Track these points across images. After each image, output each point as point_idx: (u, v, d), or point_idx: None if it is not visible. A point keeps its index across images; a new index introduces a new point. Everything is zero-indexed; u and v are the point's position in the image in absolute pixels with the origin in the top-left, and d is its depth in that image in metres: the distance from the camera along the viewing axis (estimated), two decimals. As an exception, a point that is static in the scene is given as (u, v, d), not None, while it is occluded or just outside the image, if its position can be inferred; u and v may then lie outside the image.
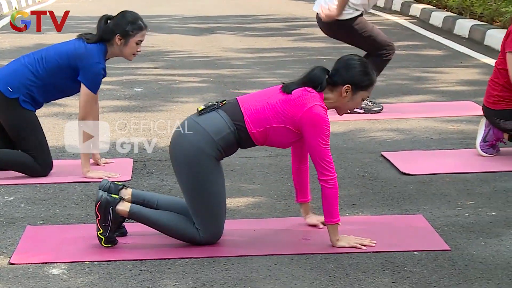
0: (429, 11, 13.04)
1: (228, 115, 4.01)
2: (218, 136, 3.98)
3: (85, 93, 5.14)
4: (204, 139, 3.97)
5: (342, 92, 4.03)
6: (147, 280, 3.71)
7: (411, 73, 8.83)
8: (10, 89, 5.11)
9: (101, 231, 4.06)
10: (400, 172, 5.30)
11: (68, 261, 3.92)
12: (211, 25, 13.23)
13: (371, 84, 4.08)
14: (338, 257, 3.93)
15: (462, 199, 4.78)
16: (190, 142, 3.99)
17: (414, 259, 3.90)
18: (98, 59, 5.11)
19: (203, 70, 9.13)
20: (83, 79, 5.12)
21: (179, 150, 4.03)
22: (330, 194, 4.00)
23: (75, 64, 5.11)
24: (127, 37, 5.14)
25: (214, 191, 4.02)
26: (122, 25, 5.14)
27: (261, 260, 3.92)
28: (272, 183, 5.14)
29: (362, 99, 4.10)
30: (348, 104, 4.08)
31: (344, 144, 6.01)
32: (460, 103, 7.29)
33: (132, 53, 5.20)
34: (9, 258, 3.97)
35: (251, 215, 4.58)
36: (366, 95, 4.09)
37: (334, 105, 4.08)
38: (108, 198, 4.06)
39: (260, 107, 4.00)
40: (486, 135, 5.56)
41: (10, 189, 5.05)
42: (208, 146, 3.97)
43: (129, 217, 4.09)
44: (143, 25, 5.21)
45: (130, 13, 5.25)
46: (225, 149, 4.03)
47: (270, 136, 4.02)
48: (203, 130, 3.99)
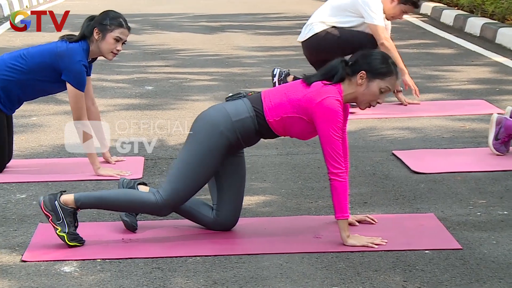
0: (440, 9, 13.01)
1: (250, 103, 4.08)
2: (236, 118, 4.04)
3: (73, 92, 5.11)
4: (223, 118, 4.04)
5: (358, 79, 4.03)
6: (159, 278, 3.72)
7: (422, 71, 8.82)
8: None
9: (59, 229, 4.03)
10: (412, 171, 5.29)
11: (79, 259, 3.93)
12: (221, 23, 13.24)
13: (388, 73, 4.02)
14: (349, 256, 3.93)
15: (474, 198, 4.77)
16: (210, 116, 4.10)
17: (425, 258, 3.90)
18: (80, 57, 5.08)
19: (213, 68, 9.13)
20: (67, 79, 5.09)
21: (198, 121, 4.13)
22: (340, 188, 4.00)
23: (57, 63, 5.08)
24: (104, 31, 5.09)
25: (202, 166, 4.04)
26: (101, 20, 5.12)
27: (272, 258, 3.92)
28: (283, 182, 5.14)
29: (381, 91, 4.04)
30: (364, 93, 4.04)
31: (355, 143, 6.01)
32: (471, 101, 7.28)
33: (110, 50, 5.12)
34: (21, 255, 3.99)
35: (262, 214, 4.59)
36: (384, 85, 4.03)
37: (353, 96, 4.06)
38: (48, 196, 4.07)
39: (278, 98, 4.06)
40: (498, 132, 5.54)
41: (22, 186, 5.07)
42: (224, 124, 4.03)
43: (77, 204, 4.06)
44: (123, 23, 5.16)
45: (113, 11, 5.24)
46: (243, 134, 4.06)
47: (287, 125, 4.05)
48: (224, 110, 4.06)
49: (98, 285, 3.66)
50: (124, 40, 5.17)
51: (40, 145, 6.03)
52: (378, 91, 4.04)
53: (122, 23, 5.15)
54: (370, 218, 4.34)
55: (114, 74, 8.87)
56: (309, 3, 16.16)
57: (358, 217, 4.34)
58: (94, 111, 5.40)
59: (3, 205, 4.74)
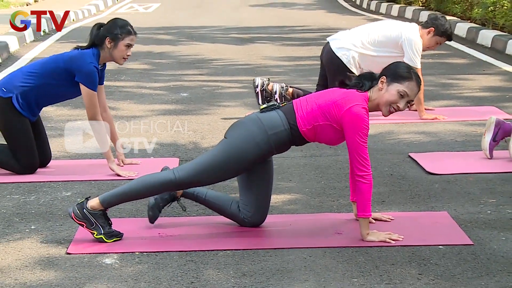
0: (454, 22, 12.92)
1: (285, 115, 4.03)
2: (272, 131, 4.00)
3: (86, 92, 5.13)
4: (259, 130, 4.00)
5: (379, 84, 4.00)
6: (192, 270, 3.72)
7: (437, 80, 8.76)
8: (4, 89, 5.17)
9: (95, 233, 4.03)
10: (426, 172, 5.26)
11: (119, 252, 3.94)
12: (251, 35, 13.23)
13: (407, 78, 3.98)
14: (368, 250, 3.91)
15: (485, 197, 4.73)
16: (246, 126, 4.04)
17: (439, 253, 3.87)
18: (91, 59, 5.12)
19: (243, 76, 9.13)
20: (80, 80, 5.12)
21: (233, 129, 4.08)
22: (365, 189, 3.97)
23: (70, 67, 5.13)
24: (116, 40, 5.14)
25: (229, 165, 3.99)
26: (112, 29, 5.16)
27: (296, 252, 3.91)
28: (307, 181, 5.13)
29: (400, 94, 3.98)
30: (384, 96, 3.99)
31: (374, 146, 5.98)
32: (483, 108, 7.22)
33: (122, 56, 5.17)
34: (66, 248, 4.01)
35: (287, 211, 4.58)
36: (402, 88, 3.97)
37: (376, 102, 4.02)
38: (75, 206, 4.05)
39: (310, 108, 4.01)
40: (496, 133, 5.50)
41: (67, 185, 5.09)
42: (260, 136, 3.99)
43: (103, 205, 4.03)
44: (132, 30, 5.20)
45: (120, 19, 5.27)
46: (277, 145, 4.03)
47: (318, 133, 4.02)
48: (260, 123, 4.01)
49: (136, 276, 3.67)
50: (132, 45, 5.22)
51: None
52: (397, 94, 3.99)
53: (130, 31, 5.19)
54: (385, 217, 4.32)
55: (152, 82, 8.90)
56: (332, 16, 16.15)
57: (374, 215, 4.31)
58: (106, 117, 5.39)
59: (50, 202, 4.77)
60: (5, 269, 3.75)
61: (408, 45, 6.58)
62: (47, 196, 4.88)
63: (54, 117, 6.81)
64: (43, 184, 5.10)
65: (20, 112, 5.20)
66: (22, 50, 11.07)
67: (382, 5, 17.08)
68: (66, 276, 3.67)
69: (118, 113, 7.18)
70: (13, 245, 4.07)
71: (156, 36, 13.17)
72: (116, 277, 3.65)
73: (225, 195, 4.33)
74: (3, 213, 4.57)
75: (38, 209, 4.63)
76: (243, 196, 4.20)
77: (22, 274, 3.69)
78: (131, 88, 8.47)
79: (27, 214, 4.54)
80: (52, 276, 3.67)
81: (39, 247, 4.03)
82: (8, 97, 5.17)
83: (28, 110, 5.24)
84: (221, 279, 3.62)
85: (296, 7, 18.33)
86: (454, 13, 13.71)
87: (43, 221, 4.42)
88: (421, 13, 14.80)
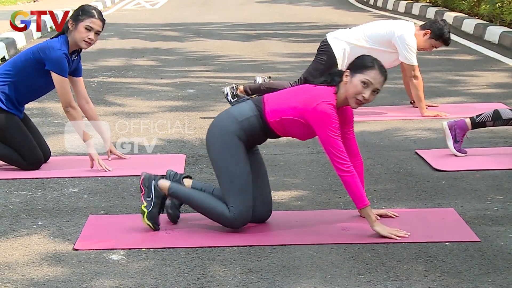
0: (461, 18, 12.90)
1: (254, 104, 4.11)
2: (242, 117, 4.07)
3: (57, 79, 5.15)
4: (229, 120, 4.08)
5: (344, 78, 4.04)
6: (198, 266, 3.73)
7: (444, 76, 8.74)
8: None
9: (144, 204, 4.12)
10: (433, 169, 5.25)
11: (126, 248, 3.95)
12: (258, 31, 13.23)
13: (368, 67, 4.00)
14: (374, 247, 3.91)
15: (491, 194, 4.72)
16: (218, 122, 4.13)
17: (446, 250, 3.87)
18: (59, 46, 5.14)
19: (250, 73, 9.13)
20: (49, 67, 5.14)
21: (210, 132, 4.15)
22: (351, 182, 3.97)
23: (39, 56, 5.15)
24: (76, 22, 5.15)
25: (235, 168, 4.04)
26: (75, 13, 5.19)
27: (303, 248, 3.91)
28: (314, 178, 5.13)
29: (363, 83, 3.99)
30: (348, 88, 4.02)
31: (381, 142, 5.97)
32: (490, 104, 7.19)
33: (82, 39, 5.15)
34: (73, 244, 4.02)
35: (294, 207, 4.58)
36: (364, 77, 3.98)
37: (344, 96, 4.04)
38: (150, 174, 4.16)
39: (278, 101, 4.10)
40: (455, 135, 5.50)
41: (74, 181, 5.10)
42: (232, 125, 4.06)
43: (169, 192, 4.14)
44: (95, 14, 5.18)
45: (88, 5, 5.29)
46: (249, 132, 4.08)
47: (286, 126, 4.07)
48: (230, 114, 4.11)
49: (143, 272, 3.67)
50: (97, 30, 5.14)
51: (91, 143, 6.07)
52: (360, 84, 4.00)
53: (93, 14, 5.18)
54: (391, 213, 4.31)
55: (159, 78, 8.91)
56: (339, 13, 16.13)
57: (379, 212, 4.31)
58: (88, 109, 5.43)
59: (57, 198, 4.78)
60: (12, 265, 3.76)
61: (401, 43, 6.57)
62: (54, 192, 4.89)
63: (61, 113, 6.81)
64: (50, 180, 5.11)
65: (7, 110, 5.22)
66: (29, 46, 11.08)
67: (389, 1, 17.05)
68: (72, 272, 3.68)
69: (124, 110, 7.19)
70: (20, 241, 4.08)
71: (162, 32, 13.17)
72: (123, 273, 3.66)
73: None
74: (11, 209, 4.58)
75: (45, 205, 4.64)
76: None
77: (29, 270, 3.70)
78: (137, 85, 8.48)
79: (34, 210, 4.55)
80: (59, 272, 3.68)
81: (46, 243, 4.04)
82: None
83: (13, 107, 5.25)
84: (228, 275, 3.62)
85: (302, 3, 18.32)
86: (461, 9, 13.68)
87: (50, 217, 4.43)
88: (428, 10, 14.77)
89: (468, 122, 5.53)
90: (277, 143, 5.95)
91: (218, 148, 4.09)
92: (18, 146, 5.25)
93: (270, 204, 4.26)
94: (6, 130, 5.24)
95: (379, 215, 4.28)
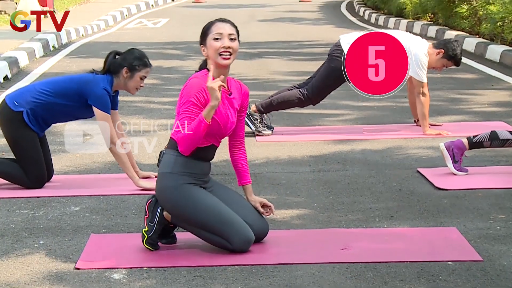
0: (462, 37, 12.92)
1: (167, 150, 4.12)
2: (170, 167, 4.07)
3: (100, 115, 5.21)
4: (165, 179, 4.08)
5: (203, 53, 4.19)
6: (200, 285, 3.71)
7: (446, 94, 8.75)
8: (16, 103, 5.23)
9: (146, 229, 4.11)
10: (435, 187, 5.24)
11: (128, 267, 3.94)
12: (260, 50, 13.26)
13: (207, 28, 4.18)
14: (377, 266, 3.89)
15: (494, 213, 4.71)
16: (160, 190, 4.11)
17: (448, 269, 3.85)
18: (104, 85, 5.20)
19: (252, 91, 9.07)
20: (93, 103, 5.19)
21: (161, 201, 4.12)
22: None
23: (82, 89, 5.20)
24: (133, 71, 5.23)
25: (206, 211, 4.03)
26: (130, 60, 5.24)
27: (305, 268, 3.90)
28: (315, 196, 5.12)
29: (215, 39, 4.12)
30: (210, 53, 4.15)
31: (383, 161, 5.97)
32: (491, 123, 7.19)
33: (135, 87, 5.29)
34: (74, 263, 4.00)
35: (295, 226, 4.57)
36: (212, 35, 4.13)
37: (213, 62, 4.14)
38: (157, 200, 4.14)
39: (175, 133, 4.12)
40: (453, 155, 5.50)
41: (76, 200, 5.10)
42: (171, 180, 4.06)
43: (172, 221, 4.13)
44: (148, 62, 5.30)
45: (138, 50, 5.36)
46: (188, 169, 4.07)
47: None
48: (162, 175, 4.11)
49: (145, 291, 3.66)
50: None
51: (93, 161, 6.07)
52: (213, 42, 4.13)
53: (147, 63, 5.28)
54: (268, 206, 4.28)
55: (161, 96, 8.92)
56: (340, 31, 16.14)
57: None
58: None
59: (59, 216, 4.77)
60: (14, 284, 3.75)
61: (414, 59, 6.61)
62: (56, 211, 4.88)
63: (63, 131, 6.81)
64: (52, 199, 5.11)
65: (30, 127, 5.24)
66: (32, 65, 11.12)
67: (390, 20, 17.10)
68: (74, 291, 3.66)
69: (126, 128, 7.19)
70: (21, 260, 4.07)
71: (164, 51, 13.20)
72: (124, 292, 3.65)
73: None
74: (12, 228, 4.57)
75: (47, 224, 4.64)
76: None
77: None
78: (140, 103, 8.49)
79: (36, 229, 4.55)
80: (60, 291, 3.67)
81: (48, 262, 4.03)
82: (19, 111, 5.22)
83: (37, 125, 5.28)
84: (230, 294, 3.61)
85: (304, 22, 18.37)
86: (462, 28, 13.70)
87: (52, 236, 4.42)
88: (429, 28, 14.80)
89: (465, 142, 5.52)
90: (278, 162, 5.95)
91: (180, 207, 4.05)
92: (26, 161, 5.25)
93: (261, 222, 4.21)
94: (20, 142, 5.25)
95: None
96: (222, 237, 4.04)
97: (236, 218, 4.05)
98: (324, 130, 7.10)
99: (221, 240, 4.05)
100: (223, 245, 4.06)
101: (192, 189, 4.07)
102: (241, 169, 4.30)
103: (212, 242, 4.09)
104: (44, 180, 5.34)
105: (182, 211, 4.06)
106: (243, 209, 4.17)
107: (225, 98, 4.16)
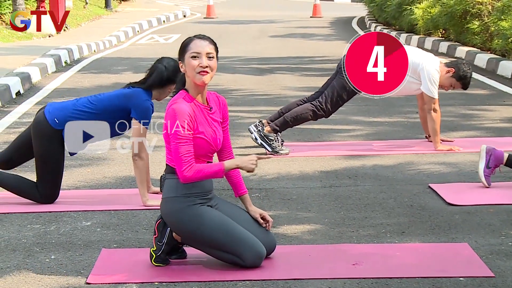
0: (474, 53, 12.92)
1: (167, 174, 4.12)
2: (175, 191, 4.07)
3: (138, 128, 5.21)
4: (172, 203, 4.08)
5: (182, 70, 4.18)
6: (211, 300, 3.71)
7: (457, 110, 8.75)
8: (56, 121, 5.20)
9: (154, 249, 4.11)
10: (447, 203, 5.23)
11: (139, 282, 3.94)
12: (271, 65, 13.28)
13: (185, 45, 4.14)
14: (388, 282, 3.88)
15: (506, 229, 4.69)
16: (168, 214, 4.10)
17: (460, 285, 3.84)
18: (146, 97, 5.22)
19: (263, 107, 9.16)
20: (135, 115, 5.19)
21: (170, 225, 4.12)
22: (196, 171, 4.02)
23: (126, 103, 5.19)
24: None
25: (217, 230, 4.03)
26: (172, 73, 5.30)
27: (316, 283, 3.89)
28: (326, 212, 5.12)
29: (193, 57, 4.12)
30: (188, 72, 4.16)
31: (394, 176, 5.96)
32: (503, 139, 7.19)
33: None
34: (86, 278, 4.01)
35: (306, 241, 4.56)
36: (190, 53, 4.12)
37: (191, 82, 4.18)
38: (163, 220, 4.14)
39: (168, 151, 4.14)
40: (488, 160, 5.50)
41: (87, 215, 5.11)
42: (178, 204, 4.06)
43: (182, 241, 4.14)
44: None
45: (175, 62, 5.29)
46: (194, 190, 4.08)
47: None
48: (166, 200, 4.10)
49: (155, 306, 3.66)
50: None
51: (104, 176, 6.09)
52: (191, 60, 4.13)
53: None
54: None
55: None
56: (352, 47, 16.14)
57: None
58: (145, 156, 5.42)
59: (70, 231, 4.78)
60: (25, 299, 3.76)
61: (427, 75, 6.62)
62: (67, 225, 4.89)
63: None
64: (63, 214, 5.12)
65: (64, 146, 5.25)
66: (44, 81, 11.17)
67: (401, 36, 17.11)
68: (85, 306, 3.67)
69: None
70: (33, 275, 4.08)
71: (176, 66, 13.22)
72: (135, 307, 3.65)
73: None
74: (24, 242, 4.59)
75: (58, 238, 4.65)
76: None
77: (41, 304, 3.69)
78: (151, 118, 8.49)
79: (47, 243, 4.56)
80: (71, 306, 3.67)
81: (59, 277, 4.04)
82: (60, 129, 5.20)
83: None
84: (240, 310, 3.61)
85: (315, 37, 18.40)
86: (474, 44, 13.70)
87: (63, 251, 4.43)
88: (440, 44, 14.80)
89: (505, 156, 5.54)
90: (290, 177, 5.95)
91: (189, 228, 4.05)
92: (46, 180, 5.23)
93: (270, 238, 4.20)
94: (49, 161, 5.21)
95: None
96: (234, 254, 4.03)
97: (246, 234, 4.05)
98: (335, 145, 7.11)
99: (233, 257, 4.05)
100: (235, 262, 4.05)
101: (199, 210, 4.07)
102: (235, 180, 4.28)
103: (224, 259, 4.09)
104: (55, 199, 5.33)
105: (192, 233, 4.06)
106: (250, 224, 4.17)
107: (207, 115, 4.18)
